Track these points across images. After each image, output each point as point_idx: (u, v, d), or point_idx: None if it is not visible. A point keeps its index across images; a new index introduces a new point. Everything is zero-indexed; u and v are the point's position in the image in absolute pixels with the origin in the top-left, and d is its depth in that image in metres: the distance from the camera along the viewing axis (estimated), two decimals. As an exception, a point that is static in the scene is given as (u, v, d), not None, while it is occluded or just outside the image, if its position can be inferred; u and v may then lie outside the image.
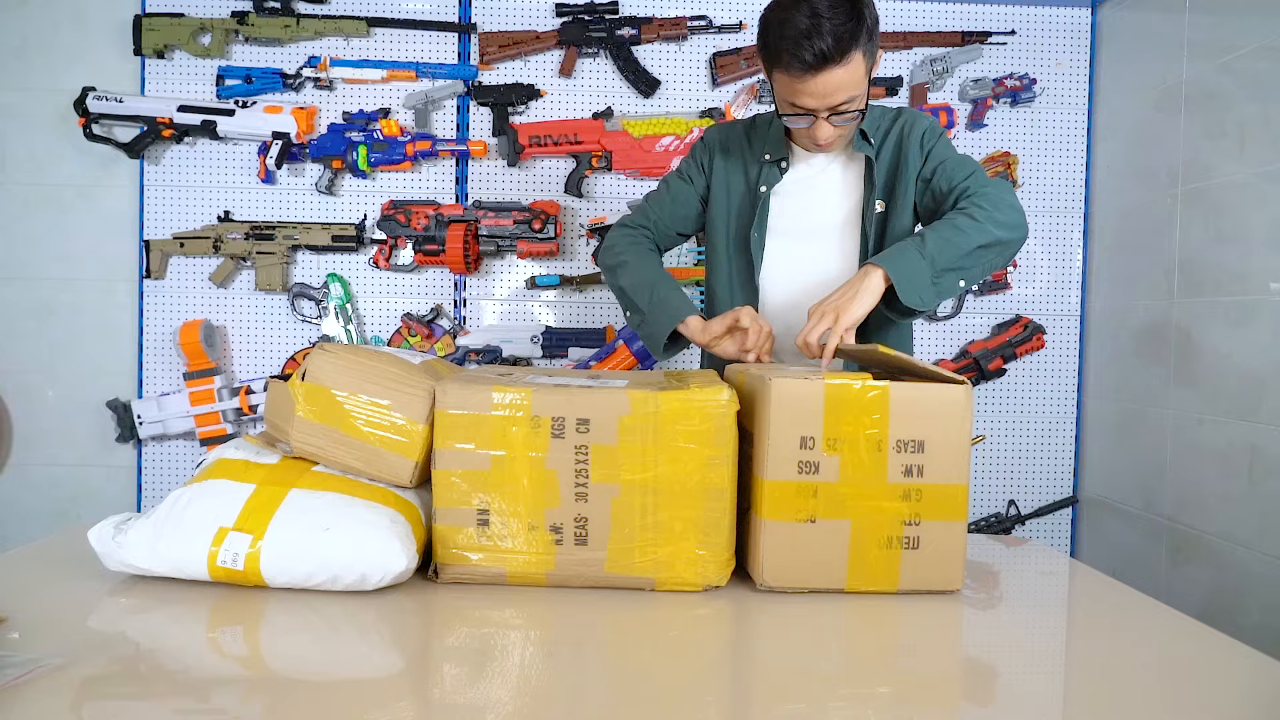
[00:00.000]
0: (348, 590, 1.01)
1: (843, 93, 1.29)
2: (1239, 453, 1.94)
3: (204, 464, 1.12)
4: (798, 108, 1.32)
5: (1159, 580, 2.16)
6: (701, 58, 2.55)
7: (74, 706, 0.74)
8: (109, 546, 1.02)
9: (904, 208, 1.45)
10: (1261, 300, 1.90)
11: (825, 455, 1.02)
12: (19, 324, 2.52)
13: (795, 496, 1.03)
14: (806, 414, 1.02)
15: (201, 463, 1.14)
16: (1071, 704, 0.82)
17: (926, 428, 1.03)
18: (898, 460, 1.02)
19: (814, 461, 1.02)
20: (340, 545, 0.99)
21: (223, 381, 2.47)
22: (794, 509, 1.03)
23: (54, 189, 2.51)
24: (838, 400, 1.02)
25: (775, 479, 1.03)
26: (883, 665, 0.88)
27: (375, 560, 0.99)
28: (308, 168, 2.53)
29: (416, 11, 2.52)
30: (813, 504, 1.02)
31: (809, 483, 1.02)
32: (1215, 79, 2.07)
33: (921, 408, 1.03)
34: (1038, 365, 2.60)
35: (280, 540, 0.99)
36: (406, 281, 2.56)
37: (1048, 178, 2.59)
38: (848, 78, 1.27)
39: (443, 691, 0.83)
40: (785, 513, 1.03)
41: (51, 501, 2.53)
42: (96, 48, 2.48)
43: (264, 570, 0.99)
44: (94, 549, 1.02)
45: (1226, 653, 0.91)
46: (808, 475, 1.02)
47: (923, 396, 1.04)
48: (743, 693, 0.85)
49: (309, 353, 1.13)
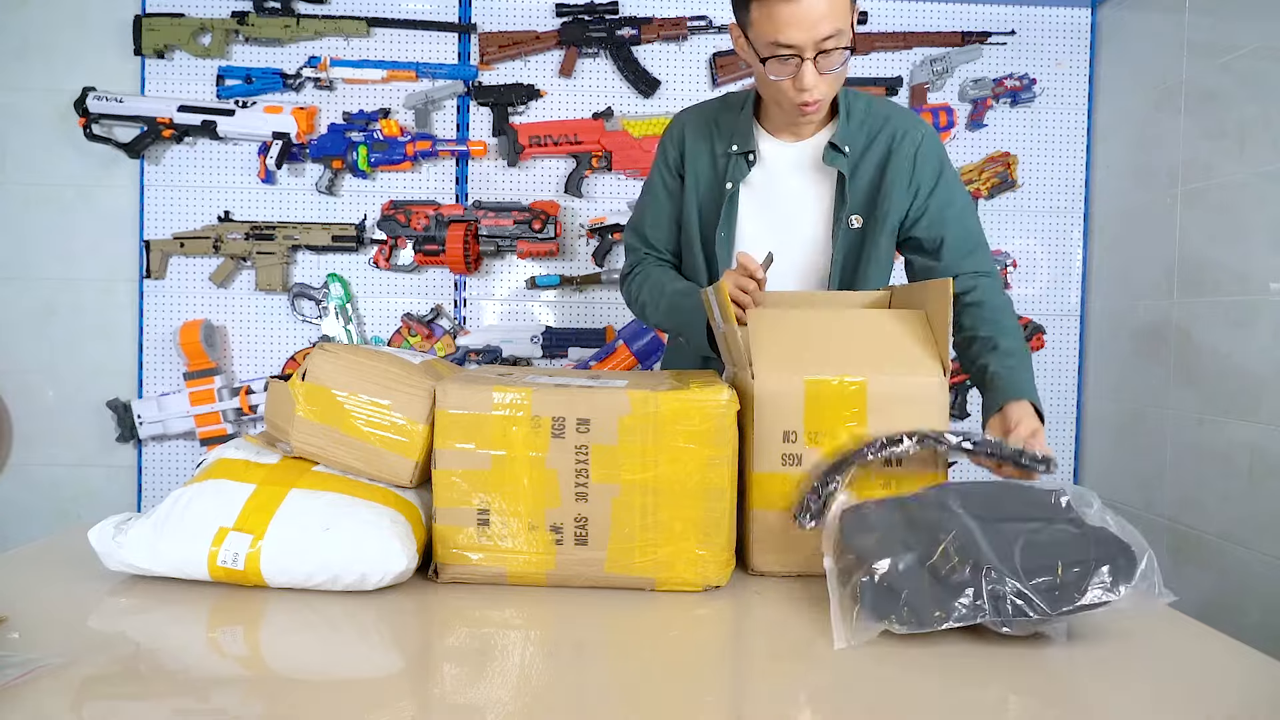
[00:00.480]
0: (347, 590, 1.01)
1: (828, 23, 1.20)
2: (1239, 453, 1.94)
3: (204, 464, 1.12)
4: (782, 46, 1.22)
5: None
6: (701, 58, 2.55)
7: (74, 706, 0.74)
8: (109, 546, 1.02)
9: (885, 230, 1.38)
10: (1261, 300, 1.90)
11: (807, 448, 1.07)
12: (19, 324, 2.52)
13: (781, 486, 1.08)
14: (788, 410, 1.08)
15: (202, 462, 1.13)
16: (1071, 703, 0.82)
17: (904, 418, 1.06)
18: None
19: (796, 454, 1.07)
20: (340, 545, 0.99)
21: (223, 381, 2.47)
22: (780, 499, 1.07)
23: (54, 189, 2.51)
24: (817, 395, 1.07)
25: (761, 471, 1.08)
26: (879, 664, 0.88)
27: (375, 560, 0.99)
28: (308, 168, 2.54)
29: (416, 11, 2.52)
30: (796, 494, 1.06)
31: (793, 474, 1.07)
32: (1215, 79, 2.07)
33: (898, 400, 1.07)
34: (1038, 365, 2.59)
35: (280, 540, 0.99)
36: (406, 281, 2.56)
37: (1048, 178, 2.59)
38: (837, 4, 1.20)
39: (443, 691, 0.83)
40: (773, 502, 1.08)
41: (51, 501, 2.53)
42: (96, 48, 2.49)
43: (264, 570, 0.99)
44: (94, 549, 1.02)
45: (1227, 653, 0.91)
46: (790, 467, 1.07)
47: (898, 390, 1.07)
48: (742, 692, 0.85)
49: (309, 353, 1.13)
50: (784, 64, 1.24)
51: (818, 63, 1.24)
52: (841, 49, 1.24)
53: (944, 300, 1.10)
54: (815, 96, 1.27)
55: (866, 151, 1.38)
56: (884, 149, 1.38)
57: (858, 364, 1.09)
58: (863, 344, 1.13)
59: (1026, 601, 0.86)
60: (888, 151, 1.38)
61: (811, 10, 1.19)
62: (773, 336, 1.14)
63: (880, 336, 1.14)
